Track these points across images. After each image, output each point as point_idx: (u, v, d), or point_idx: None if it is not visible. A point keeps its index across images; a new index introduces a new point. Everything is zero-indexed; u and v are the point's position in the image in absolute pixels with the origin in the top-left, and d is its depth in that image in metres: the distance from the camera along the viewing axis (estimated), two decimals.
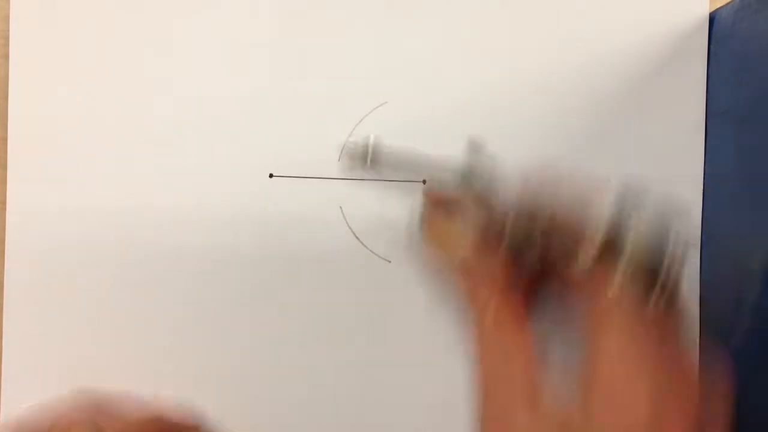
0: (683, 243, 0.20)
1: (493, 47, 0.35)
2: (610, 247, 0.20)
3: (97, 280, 0.35)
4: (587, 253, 0.21)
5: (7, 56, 0.35)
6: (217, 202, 0.35)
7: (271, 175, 0.35)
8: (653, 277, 0.20)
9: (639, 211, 0.21)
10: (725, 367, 0.22)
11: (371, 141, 0.26)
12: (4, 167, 0.35)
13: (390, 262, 0.35)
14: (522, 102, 0.34)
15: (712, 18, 0.34)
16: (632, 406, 0.21)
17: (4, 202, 0.35)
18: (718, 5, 0.33)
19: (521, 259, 0.23)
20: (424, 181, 0.35)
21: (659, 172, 0.34)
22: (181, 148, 0.35)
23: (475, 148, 0.26)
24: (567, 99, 0.34)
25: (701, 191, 0.34)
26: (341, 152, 0.30)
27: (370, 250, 0.35)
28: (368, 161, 0.26)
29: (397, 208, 0.35)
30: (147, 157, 0.35)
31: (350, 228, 0.35)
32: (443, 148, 0.35)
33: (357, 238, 0.35)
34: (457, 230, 0.24)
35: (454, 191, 0.25)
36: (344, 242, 0.35)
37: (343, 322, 0.35)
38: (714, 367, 0.22)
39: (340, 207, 0.35)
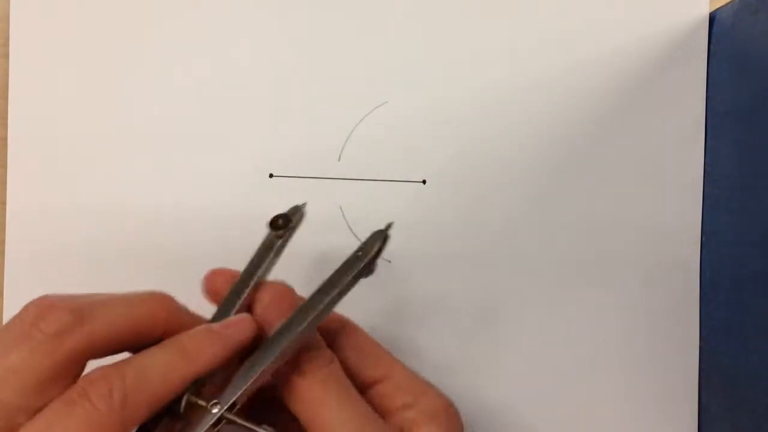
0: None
1: (493, 47, 0.35)
2: None
3: (96, 280, 0.35)
4: None
5: (7, 56, 0.35)
6: (218, 202, 0.35)
7: (271, 175, 0.35)
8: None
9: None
10: None
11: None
12: (4, 167, 0.35)
13: (390, 262, 0.35)
14: (521, 102, 0.34)
15: (712, 18, 0.34)
16: None
17: (4, 202, 0.35)
18: (718, 5, 0.33)
19: None
20: (423, 181, 0.35)
21: (659, 172, 0.34)
22: (181, 148, 0.35)
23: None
24: (567, 99, 0.34)
25: (701, 191, 0.34)
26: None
27: None
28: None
29: (397, 208, 0.35)
30: (147, 157, 0.35)
31: (350, 228, 0.35)
32: (443, 148, 0.35)
33: (357, 238, 0.35)
34: None
35: None
36: (344, 242, 0.35)
37: None
38: None
39: (340, 207, 0.35)
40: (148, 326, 0.24)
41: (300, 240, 0.35)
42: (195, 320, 0.25)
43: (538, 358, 0.34)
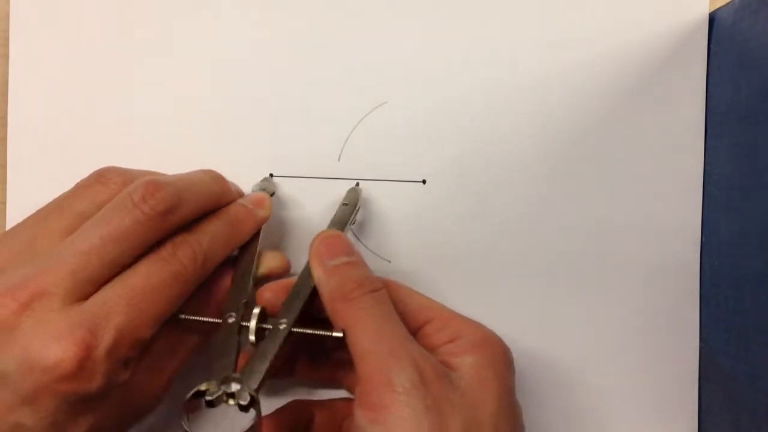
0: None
1: (493, 47, 0.35)
2: None
3: None
4: None
5: (7, 56, 0.35)
6: None
7: (271, 175, 0.35)
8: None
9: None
10: None
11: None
12: (4, 167, 0.35)
13: (390, 262, 0.35)
14: (521, 102, 0.34)
15: (712, 18, 0.34)
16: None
17: (4, 202, 0.35)
18: (718, 5, 0.33)
19: None
20: (423, 181, 0.35)
21: (659, 172, 0.34)
22: (181, 148, 0.35)
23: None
24: (567, 99, 0.34)
25: (701, 191, 0.34)
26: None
27: (370, 250, 0.35)
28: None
29: (397, 208, 0.35)
30: (147, 157, 0.35)
31: (350, 228, 0.35)
32: (443, 148, 0.35)
33: (357, 238, 0.35)
34: None
35: None
36: None
37: None
38: None
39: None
40: (216, 202, 0.30)
41: (301, 239, 0.35)
42: (234, 192, 0.32)
43: (538, 357, 0.34)
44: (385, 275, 0.34)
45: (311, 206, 0.35)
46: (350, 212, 0.32)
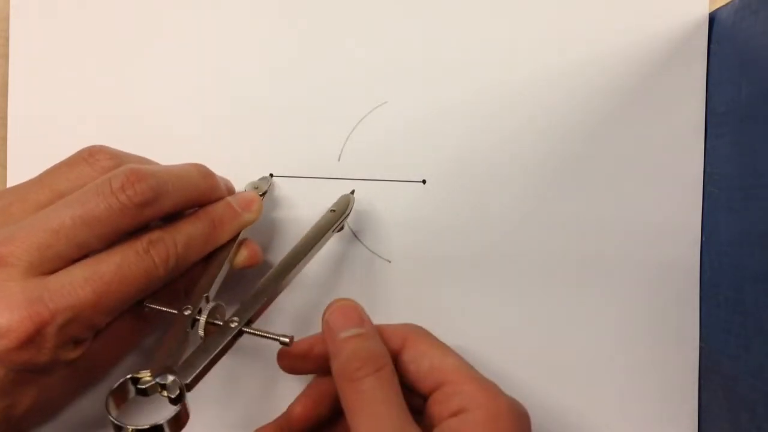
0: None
1: (493, 47, 0.35)
2: None
3: None
4: None
5: (7, 56, 0.35)
6: None
7: (271, 175, 0.35)
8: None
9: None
10: None
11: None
12: (4, 167, 0.35)
13: (390, 262, 0.35)
14: (521, 102, 0.34)
15: (712, 18, 0.34)
16: None
17: None
18: (718, 5, 0.33)
19: None
20: (423, 181, 0.35)
21: (659, 172, 0.34)
22: (181, 148, 0.35)
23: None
24: (566, 99, 0.34)
25: (701, 191, 0.34)
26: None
27: (371, 250, 0.35)
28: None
29: (397, 208, 0.35)
30: (146, 157, 0.35)
31: (350, 228, 0.35)
32: (443, 148, 0.35)
33: (357, 238, 0.35)
34: None
35: None
36: (344, 242, 0.35)
37: None
38: None
39: None
40: (201, 198, 0.30)
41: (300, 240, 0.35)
42: (223, 189, 0.31)
43: (537, 358, 0.34)
44: (385, 275, 0.34)
45: (311, 206, 0.35)
46: (335, 219, 0.32)
